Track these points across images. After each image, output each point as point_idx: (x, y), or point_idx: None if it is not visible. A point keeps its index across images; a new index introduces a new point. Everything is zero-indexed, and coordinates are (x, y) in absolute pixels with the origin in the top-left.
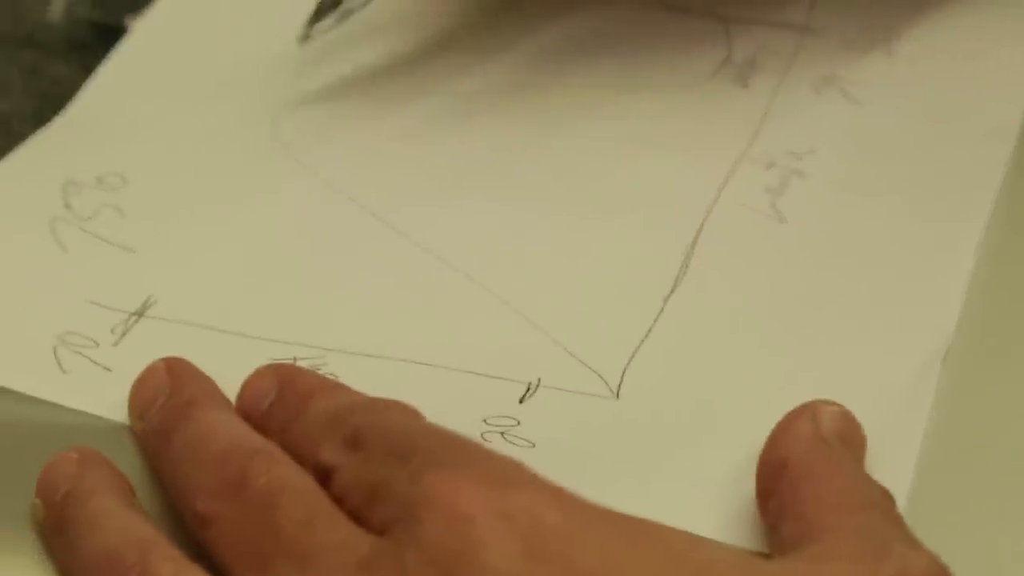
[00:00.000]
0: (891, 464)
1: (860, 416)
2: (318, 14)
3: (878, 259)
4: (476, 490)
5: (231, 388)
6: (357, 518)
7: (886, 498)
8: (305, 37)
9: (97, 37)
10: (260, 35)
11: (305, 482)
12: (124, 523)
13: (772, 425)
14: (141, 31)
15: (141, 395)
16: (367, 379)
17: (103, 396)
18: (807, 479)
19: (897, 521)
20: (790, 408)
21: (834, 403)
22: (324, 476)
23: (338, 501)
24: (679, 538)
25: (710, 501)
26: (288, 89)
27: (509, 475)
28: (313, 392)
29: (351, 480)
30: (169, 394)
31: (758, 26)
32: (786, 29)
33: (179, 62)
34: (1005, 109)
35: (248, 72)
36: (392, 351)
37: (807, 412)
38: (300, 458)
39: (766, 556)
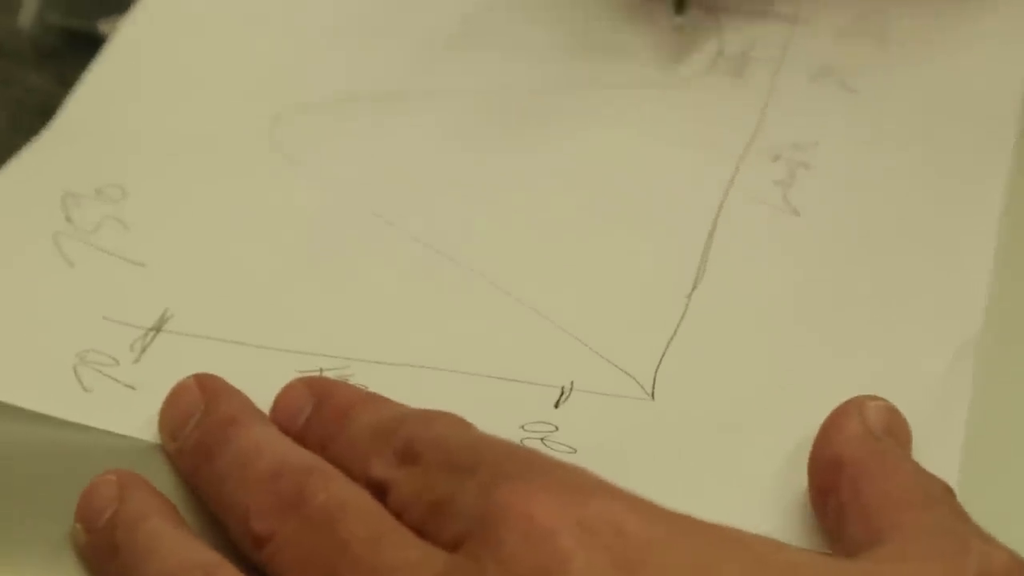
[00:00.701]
0: (936, 456)
1: (901, 409)
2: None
3: (897, 249)
4: (552, 501)
5: (260, 402)
6: (420, 534)
7: (948, 493)
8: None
9: (68, 44)
10: (248, 36)
11: (365, 499)
12: (181, 546)
13: (811, 419)
14: (124, 35)
15: (173, 414)
16: (396, 388)
17: (129, 415)
18: (867, 477)
19: (965, 516)
20: (827, 402)
21: (879, 398)
22: (378, 492)
23: (397, 517)
24: (760, 542)
25: (757, 499)
26: (284, 92)
27: (582, 484)
28: (353, 405)
29: (410, 495)
30: (205, 411)
31: (748, 18)
32: (777, 20)
33: (166, 66)
34: (1003, 94)
35: (240, 74)
36: (420, 359)
37: (854, 408)
38: (348, 474)
39: (841, 558)
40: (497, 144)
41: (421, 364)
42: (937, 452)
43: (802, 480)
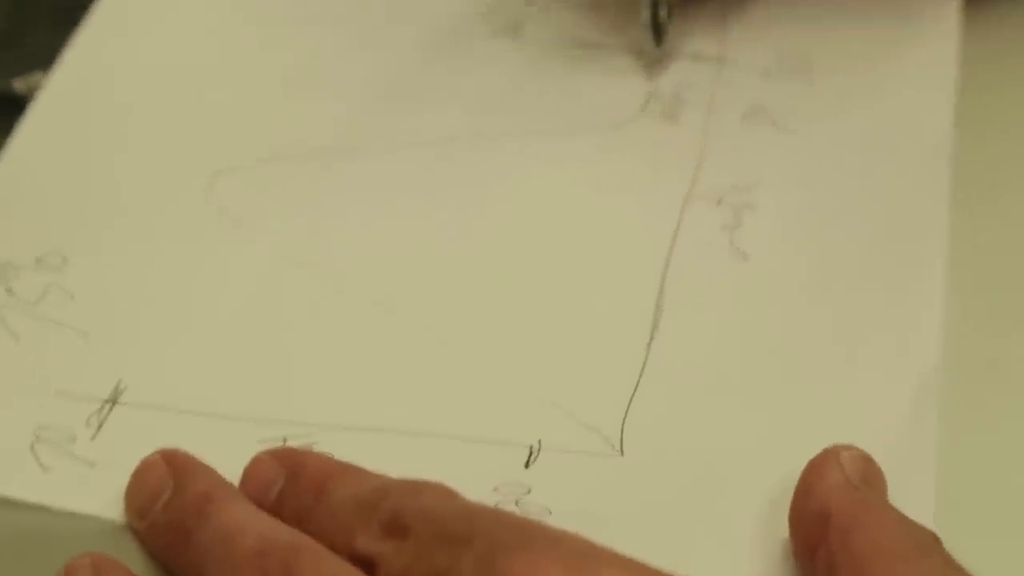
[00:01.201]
0: (911, 500)
1: (872, 453)
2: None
3: (848, 288)
4: (561, 572)
5: (226, 474)
6: None
7: (937, 542)
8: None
9: None
10: (179, 92)
11: None
12: None
13: (784, 468)
14: (48, 96)
15: (141, 492)
16: (364, 455)
17: (90, 493)
18: (856, 529)
19: (957, 566)
20: (797, 450)
21: (852, 447)
22: (365, 567)
23: None
24: None
25: (739, 553)
26: (220, 150)
27: (587, 552)
28: (329, 476)
29: (401, 570)
30: (176, 489)
31: (674, 59)
32: (702, 61)
33: (95, 126)
34: (932, 124)
35: (173, 133)
36: (384, 422)
37: (831, 458)
38: (330, 549)
39: None
40: (437, 197)
41: (386, 428)
42: (911, 496)
43: (782, 531)
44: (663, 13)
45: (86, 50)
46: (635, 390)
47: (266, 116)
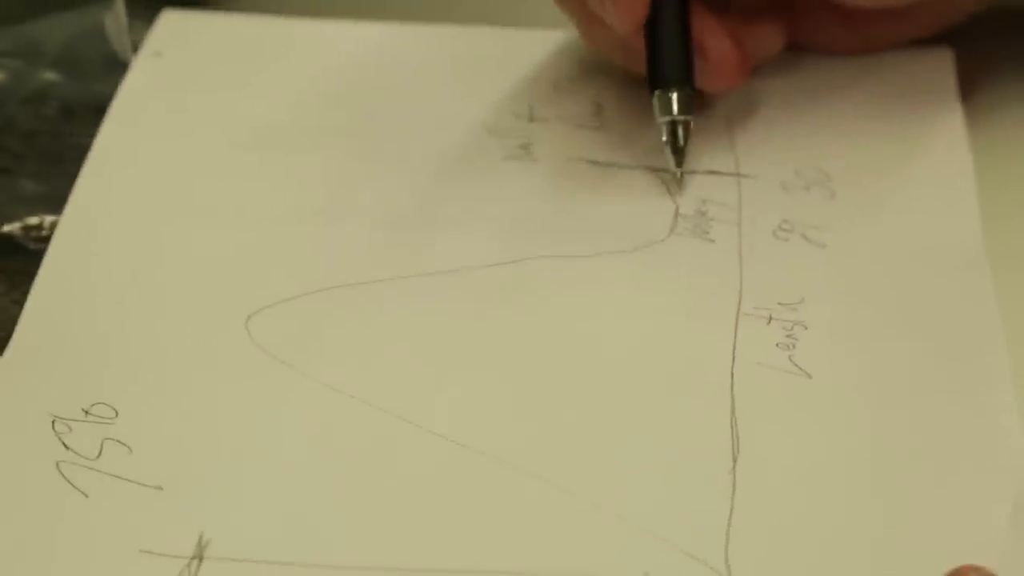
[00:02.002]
0: None
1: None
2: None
3: (919, 402)
4: None
5: None
6: None
7: None
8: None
9: None
10: (197, 231)
11: None
12: None
13: None
14: (62, 241)
15: None
16: None
17: None
18: None
19: None
20: (909, 568)
21: (980, 568)
22: None
23: None
24: None
25: None
26: (252, 289)
27: None
28: None
29: None
30: None
31: (692, 177)
32: (721, 176)
33: (114, 271)
34: (964, 236)
35: (199, 273)
36: (482, 565)
37: None
38: None
39: None
40: (483, 324)
41: (485, 570)
42: None
43: None
44: (681, 134)
45: (91, 193)
46: (730, 516)
47: (288, 251)
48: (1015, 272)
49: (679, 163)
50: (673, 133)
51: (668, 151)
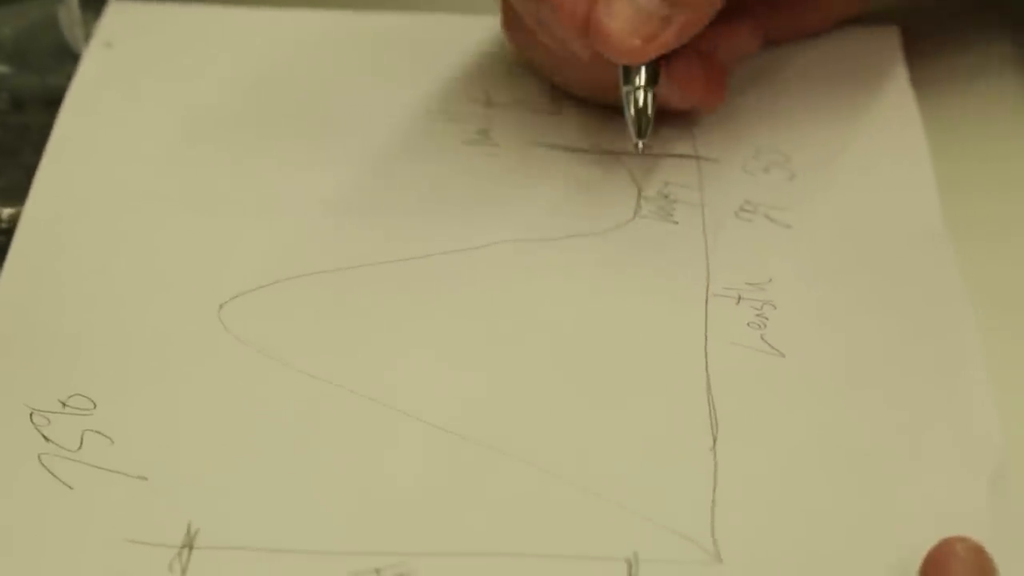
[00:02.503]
0: None
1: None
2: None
3: (892, 381)
4: None
5: None
6: None
7: None
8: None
9: None
10: (164, 219)
11: None
12: None
13: (887, 560)
14: (26, 228)
15: None
16: None
17: None
18: None
19: None
20: (890, 543)
21: (966, 538)
22: None
23: None
24: None
25: None
26: (220, 277)
27: None
28: None
29: None
30: None
31: (653, 160)
32: (682, 160)
33: (82, 260)
34: (923, 210)
35: (168, 262)
36: (477, 546)
37: (951, 553)
38: None
39: None
40: (455, 307)
41: (480, 551)
42: None
43: None
44: (646, 102)
45: (52, 184)
46: (714, 493)
47: (253, 240)
48: (974, 241)
49: (642, 133)
50: (636, 103)
51: (630, 121)
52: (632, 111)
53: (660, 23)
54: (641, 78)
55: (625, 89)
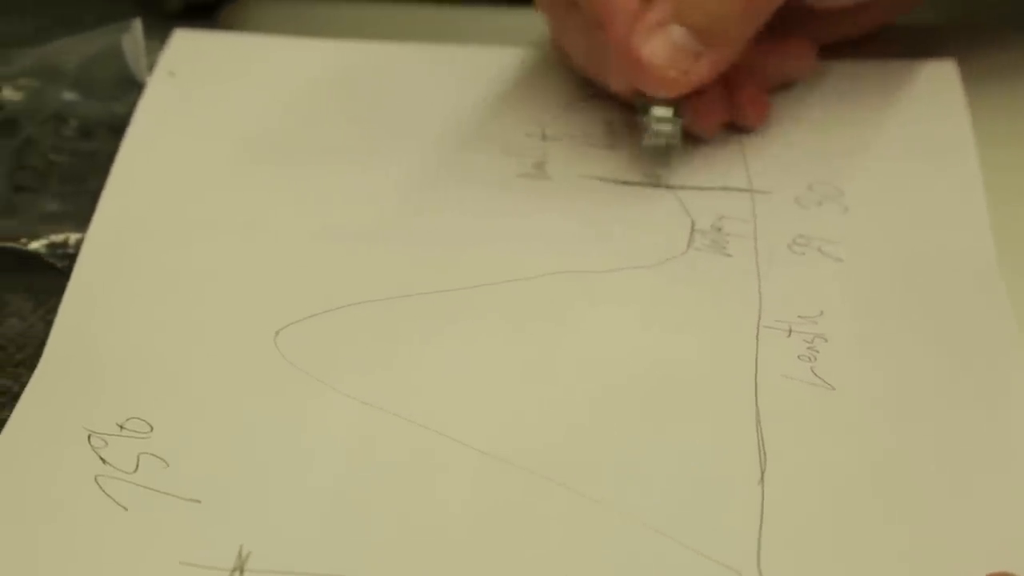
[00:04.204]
0: None
1: None
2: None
3: (943, 416)
4: None
5: None
6: None
7: None
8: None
9: None
10: (223, 246)
11: None
12: None
13: None
14: (89, 253)
15: None
16: None
17: None
18: None
19: None
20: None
21: (1013, 574)
22: None
23: None
24: None
25: None
26: (283, 305)
27: None
28: None
29: None
30: None
31: (705, 192)
32: (733, 192)
33: (143, 285)
34: (976, 246)
35: (226, 288)
36: (525, 573)
37: None
38: None
39: None
40: (510, 337)
41: None
42: None
43: None
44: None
45: (115, 210)
46: (760, 526)
47: (311, 267)
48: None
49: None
50: (654, 135)
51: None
52: (649, 141)
53: (693, 58)
54: (662, 110)
55: (644, 120)
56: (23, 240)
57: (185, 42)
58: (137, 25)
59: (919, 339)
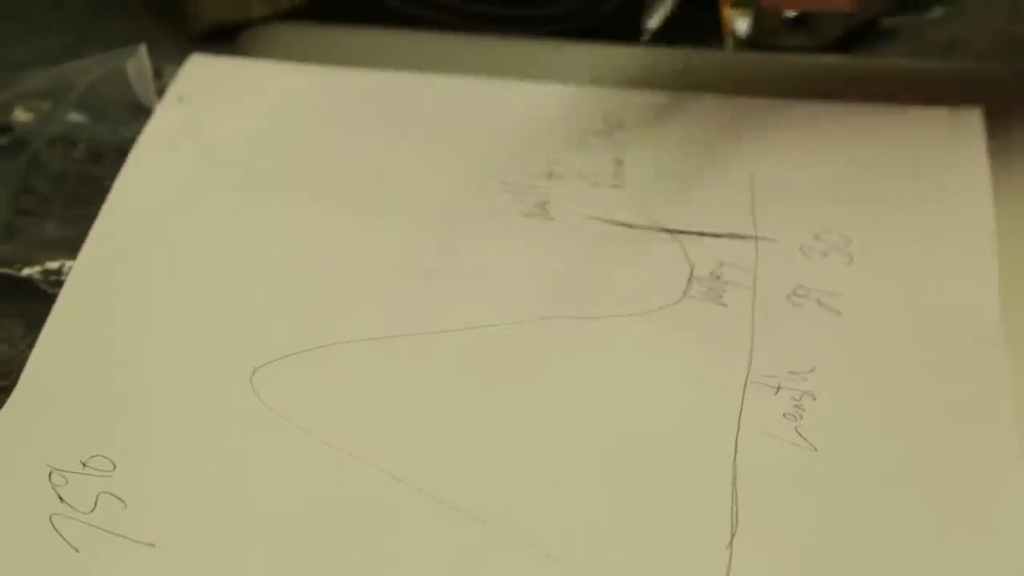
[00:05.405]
0: None
1: None
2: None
3: (925, 482)
4: None
5: None
6: None
7: None
8: None
9: None
10: (209, 283)
11: None
12: None
13: None
14: (74, 284)
15: None
16: None
17: None
18: None
19: None
20: None
21: None
22: None
23: None
24: None
25: None
26: (255, 342)
27: None
28: None
29: None
30: None
31: (708, 238)
32: (739, 239)
33: (125, 320)
34: (982, 310)
35: (207, 325)
36: None
37: None
38: None
39: None
40: (487, 386)
41: None
42: None
43: None
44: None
45: (105, 240)
46: None
47: (299, 304)
48: None
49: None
50: None
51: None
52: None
53: None
54: None
55: None
56: (17, 266)
57: (199, 68)
58: (142, 51)
59: (910, 404)
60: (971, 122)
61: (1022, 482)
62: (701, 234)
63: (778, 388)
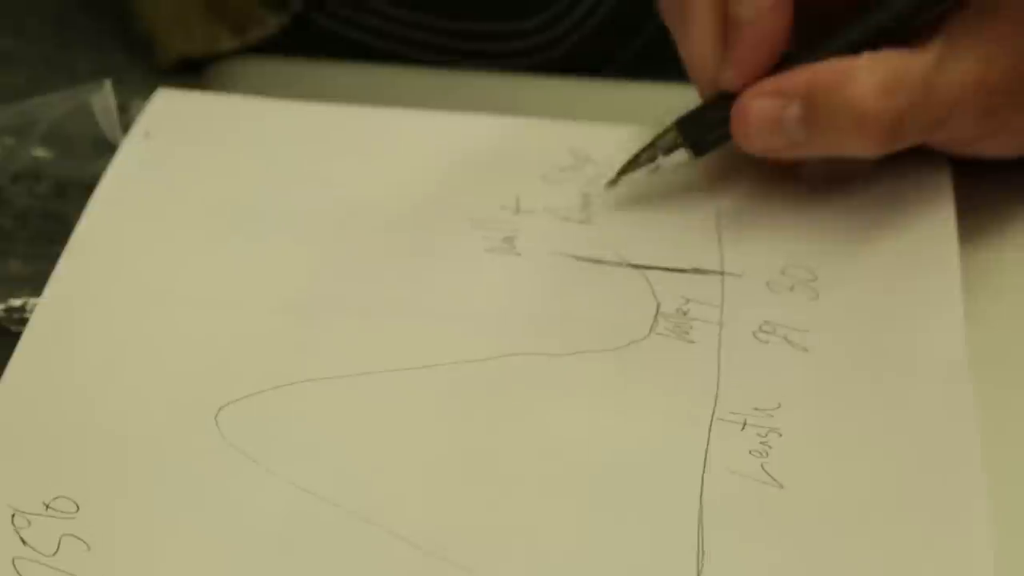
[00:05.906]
0: None
1: None
2: (633, 164)
3: (891, 519)
4: None
5: None
6: None
7: None
8: (614, 183)
9: None
10: (176, 321)
11: None
12: None
13: None
14: (37, 323)
15: None
16: None
17: None
18: None
19: None
20: None
21: None
22: None
23: None
24: None
25: None
26: (226, 382)
27: None
28: None
29: None
30: None
31: (675, 274)
32: (705, 275)
33: (91, 359)
34: (947, 348)
35: (173, 364)
36: None
37: None
38: None
39: None
40: (451, 425)
41: None
42: None
43: None
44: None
45: (69, 278)
46: None
47: (265, 342)
48: (997, 385)
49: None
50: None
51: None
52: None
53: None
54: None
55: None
56: None
57: (166, 102)
58: (107, 86)
59: (876, 441)
60: (939, 174)
61: (987, 517)
62: (668, 269)
63: (744, 424)
